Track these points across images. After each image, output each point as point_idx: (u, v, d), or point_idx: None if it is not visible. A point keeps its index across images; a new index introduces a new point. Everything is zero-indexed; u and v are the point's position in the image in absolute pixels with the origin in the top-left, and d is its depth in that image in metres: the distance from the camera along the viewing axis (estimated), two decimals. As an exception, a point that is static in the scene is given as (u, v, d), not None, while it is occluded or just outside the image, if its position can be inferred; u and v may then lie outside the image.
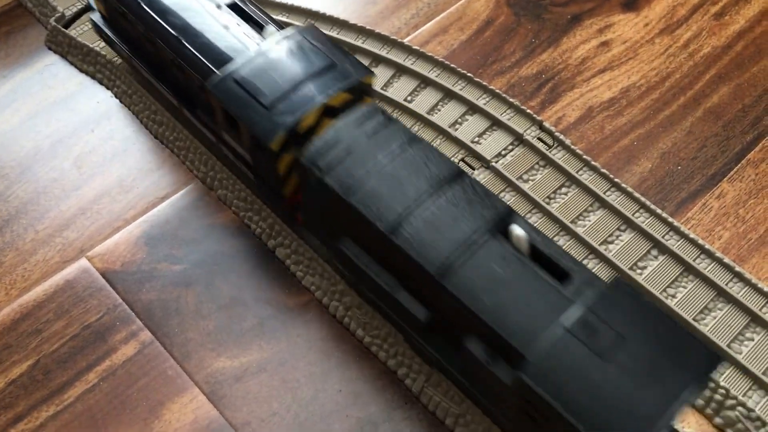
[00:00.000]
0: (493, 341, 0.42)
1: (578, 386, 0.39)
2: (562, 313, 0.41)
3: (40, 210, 0.61)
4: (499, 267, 0.43)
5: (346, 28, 0.70)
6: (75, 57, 0.69)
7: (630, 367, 0.39)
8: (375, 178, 0.47)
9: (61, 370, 0.54)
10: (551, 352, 0.40)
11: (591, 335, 0.40)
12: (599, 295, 0.42)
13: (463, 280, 0.43)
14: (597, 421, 0.38)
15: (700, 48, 0.71)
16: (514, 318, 0.42)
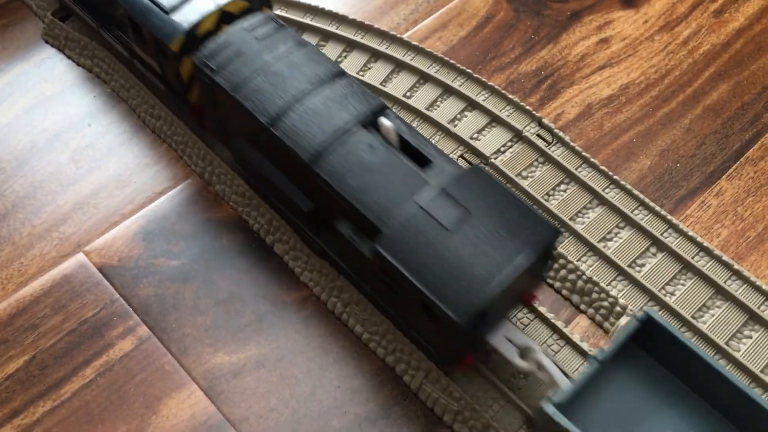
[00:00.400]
0: (357, 220, 0.48)
1: (425, 255, 0.44)
2: (418, 192, 0.46)
3: (36, 204, 0.61)
4: (366, 154, 0.48)
5: (345, 23, 0.70)
6: (72, 51, 0.69)
7: (474, 238, 0.45)
8: (261, 77, 0.51)
9: (58, 365, 0.53)
10: (404, 226, 0.45)
11: (441, 211, 0.45)
12: (454, 178, 0.47)
13: (332, 165, 0.48)
14: (439, 284, 0.44)
15: (700, 45, 0.70)
16: (375, 198, 0.47)
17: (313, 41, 0.69)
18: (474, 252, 0.44)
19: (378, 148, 0.48)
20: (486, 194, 0.46)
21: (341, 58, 0.68)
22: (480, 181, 0.47)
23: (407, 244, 0.45)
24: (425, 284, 0.44)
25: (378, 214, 0.46)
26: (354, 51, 0.68)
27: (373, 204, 0.47)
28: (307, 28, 0.69)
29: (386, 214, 0.46)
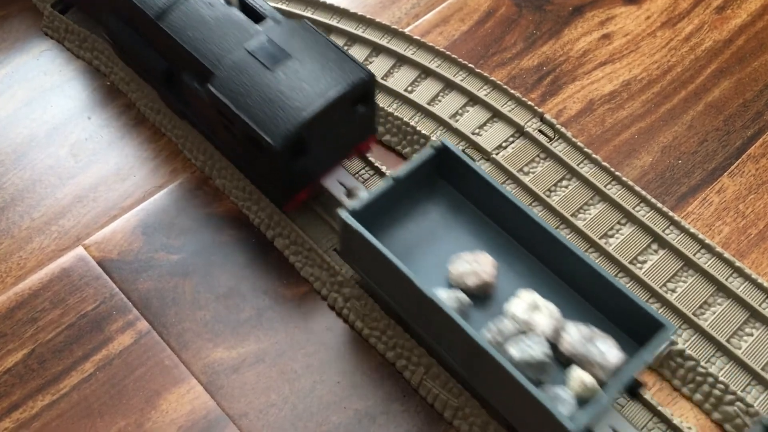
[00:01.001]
0: (196, 68, 0.54)
1: (250, 92, 0.51)
2: (248, 41, 0.53)
3: (35, 197, 0.60)
4: (205, 10, 0.55)
5: (347, 17, 0.69)
6: (72, 43, 0.68)
7: (293, 77, 0.51)
8: None
9: (57, 359, 0.53)
10: (233, 68, 0.52)
11: (265, 54, 0.52)
12: (281, 29, 0.54)
13: (175, 21, 0.55)
14: (261, 116, 0.50)
15: (702, 42, 0.70)
16: (210, 47, 0.53)
17: (314, 35, 0.69)
18: (292, 88, 0.51)
19: (216, 6, 0.55)
20: (308, 43, 0.53)
21: (342, 52, 0.68)
22: (304, 32, 0.54)
23: (235, 83, 0.51)
24: (249, 116, 0.51)
25: (212, 60, 0.53)
26: (355, 45, 0.68)
27: (208, 52, 0.53)
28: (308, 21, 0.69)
29: (219, 60, 0.53)
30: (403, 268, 0.46)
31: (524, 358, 0.44)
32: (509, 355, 0.44)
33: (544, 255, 0.50)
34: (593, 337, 0.45)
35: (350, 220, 0.48)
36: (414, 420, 0.51)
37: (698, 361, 0.52)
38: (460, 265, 0.49)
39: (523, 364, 0.44)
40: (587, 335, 0.45)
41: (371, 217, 0.50)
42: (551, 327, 0.46)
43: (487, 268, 0.48)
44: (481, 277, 0.48)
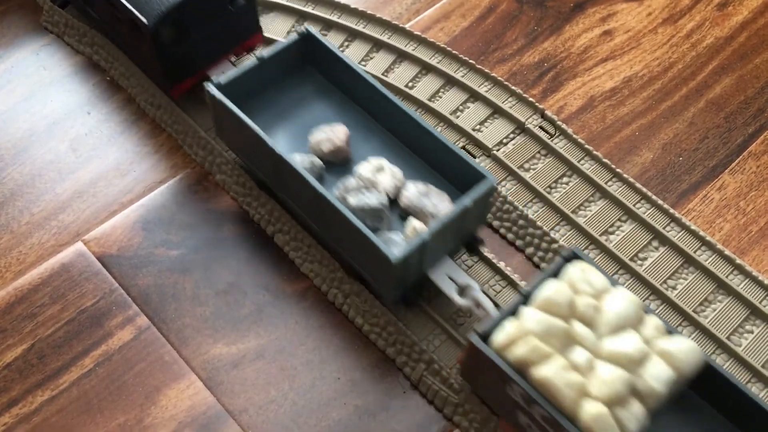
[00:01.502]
0: None
1: None
2: None
3: (35, 193, 0.60)
4: None
5: (347, 13, 0.69)
6: (72, 38, 0.68)
7: None
8: None
9: (57, 354, 0.53)
10: None
11: None
12: None
13: None
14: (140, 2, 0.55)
15: (703, 38, 0.70)
16: None
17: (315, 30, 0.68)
18: None
19: None
20: None
21: (343, 48, 0.67)
22: None
23: None
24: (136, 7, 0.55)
25: None
26: (356, 41, 0.68)
27: None
28: (308, 16, 0.69)
29: None
30: (260, 133, 0.51)
31: (360, 206, 0.50)
32: (349, 204, 0.50)
33: (394, 128, 0.55)
34: (429, 193, 0.51)
35: (215, 92, 0.52)
36: (414, 416, 0.51)
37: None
38: (317, 134, 0.54)
39: (360, 212, 0.50)
40: (423, 191, 0.51)
41: (238, 94, 0.54)
42: (393, 185, 0.52)
43: (340, 135, 0.54)
44: (334, 143, 0.53)
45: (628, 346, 0.41)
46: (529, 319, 0.41)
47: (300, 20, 0.69)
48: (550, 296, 0.42)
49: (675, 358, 0.41)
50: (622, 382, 0.40)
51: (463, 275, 0.50)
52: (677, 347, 0.42)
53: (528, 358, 0.41)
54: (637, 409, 0.40)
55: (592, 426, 0.39)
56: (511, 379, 0.41)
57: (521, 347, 0.41)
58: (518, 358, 0.41)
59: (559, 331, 0.41)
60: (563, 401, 0.40)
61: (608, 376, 0.40)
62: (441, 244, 0.49)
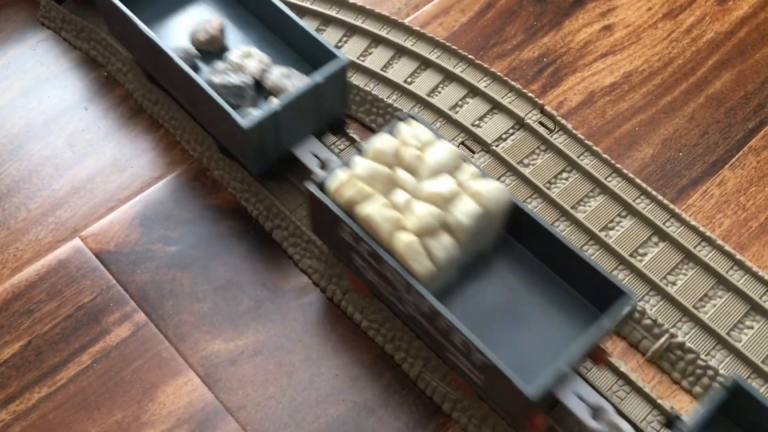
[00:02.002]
0: None
1: None
2: None
3: (32, 189, 0.60)
4: None
5: (346, 8, 0.69)
6: (69, 33, 0.68)
7: None
8: None
9: (54, 351, 0.53)
10: None
11: None
12: None
13: None
14: None
15: (703, 33, 0.70)
16: None
17: (313, 26, 0.68)
18: None
19: None
20: None
21: (341, 43, 0.67)
22: None
23: None
24: None
25: None
26: (354, 36, 0.68)
27: None
28: (307, 12, 0.69)
29: None
30: (140, 25, 0.55)
31: (223, 83, 0.54)
32: (213, 82, 0.54)
33: (266, 19, 0.60)
34: (290, 75, 0.56)
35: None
36: (413, 412, 0.51)
37: (698, 354, 0.51)
38: (195, 27, 0.59)
39: (222, 90, 0.54)
40: (285, 73, 0.56)
41: None
42: (259, 69, 0.56)
43: (215, 25, 0.58)
44: (209, 32, 0.58)
45: (441, 186, 0.46)
46: (358, 166, 0.47)
47: (298, 14, 0.68)
48: (378, 147, 0.48)
49: (483, 196, 0.46)
50: (432, 216, 0.45)
51: (324, 150, 0.55)
52: (485, 188, 0.47)
53: (353, 198, 0.46)
54: (446, 241, 0.46)
55: (404, 253, 0.45)
56: (341, 219, 0.47)
57: (349, 189, 0.46)
58: (346, 200, 0.47)
59: (383, 176, 0.47)
60: (381, 234, 0.45)
61: (421, 211, 0.45)
62: (298, 119, 0.54)
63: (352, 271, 0.52)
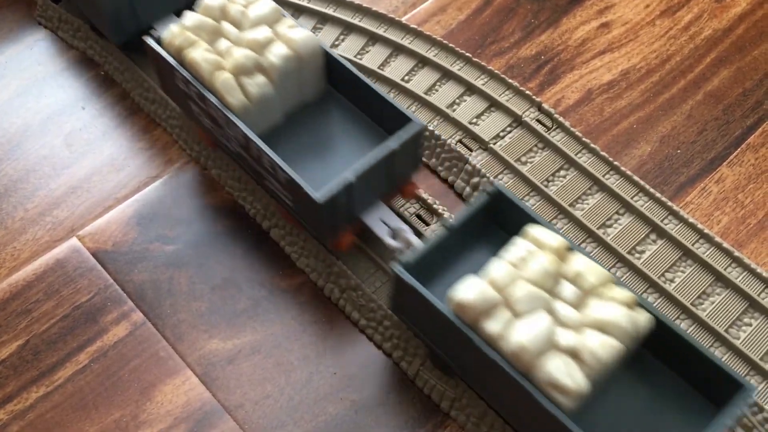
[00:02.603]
0: None
1: None
2: None
3: (29, 188, 0.60)
4: None
5: (343, 6, 0.69)
6: (66, 32, 0.68)
7: None
8: None
9: (51, 350, 0.53)
10: None
11: None
12: None
13: None
14: None
15: (701, 30, 0.70)
16: None
17: (310, 24, 0.68)
18: None
19: None
20: None
21: (339, 41, 0.67)
22: None
23: None
24: None
25: None
26: (352, 34, 0.67)
27: None
28: (304, 10, 0.68)
29: None
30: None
31: None
32: None
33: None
34: None
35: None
36: (411, 411, 0.51)
37: (697, 352, 0.51)
38: None
39: None
40: None
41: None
42: None
43: None
44: None
45: (258, 34, 0.52)
46: (187, 19, 0.53)
47: (295, 14, 0.68)
48: (207, 2, 0.53)
49: (295, 42, 0.52)
50: (246, 58, 0.51)
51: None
52: (298, 35, 0.52)
53: (181, 45, 0.52)
54: (260, 80, 0.51)
55: (220, 89, 0.50)
56: (173, 67, 0.52)
57: (178, 39, 0.52)
58: (176, 48, 0.52)
59: (209, 27, 0.52)
60: (204, 75, 0.51)
61: (237, 54, 0.51)
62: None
63: (206, 133, 0.57)
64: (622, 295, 0.43)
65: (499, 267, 0.43)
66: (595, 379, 0.41)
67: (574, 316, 0.42)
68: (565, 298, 0.42)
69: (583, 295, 0.43)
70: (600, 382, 0.42)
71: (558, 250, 0.44)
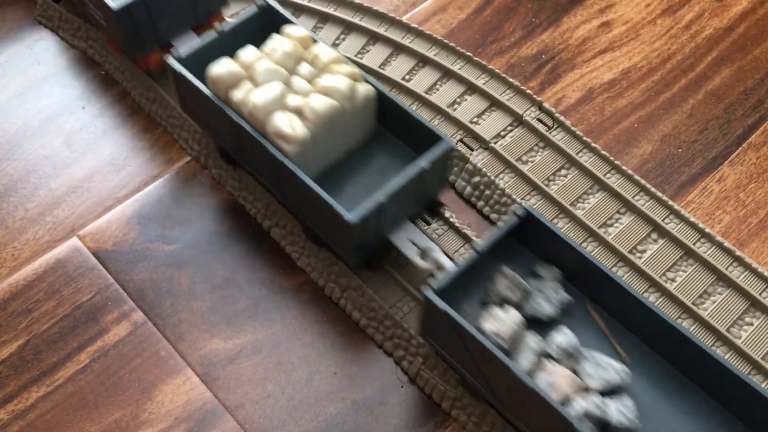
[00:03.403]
0: None
1: None
2: None
3: (29, 188, 0.60)
4: None
5: (343, 5, 0.69)
6: (66, 32, 0.68)
7: None
8: None
9: (52, 350, 0.53)
10: None
11: None
12: None
13: None
14: None
15: (702, 29, 0.70)
16: None
17: (310, 24, 0.68)
18: None
19: None
20: None
21: (339, 41, 0.67)
22: None
23: None
24: None
25: None
26: (352, 33, 0.67)
27: None
28: (304, 9, 0.68)
29: None
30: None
31: None
32: None
33: None
34: None
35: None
36: (412, 410, 0.51)
37: (698, 351, 0.51)
38: None
39: None
40: None
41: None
42: None
43: None
44: None
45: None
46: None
47: (296, 13, 0.68)
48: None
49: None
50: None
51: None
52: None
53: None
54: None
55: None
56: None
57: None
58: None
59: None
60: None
61: None
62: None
63: None
64: (348, 69, 0.52)
65: (249, 51, 0.52)
66: (315, 131, 0.50)
67: (305, 86, 0.51)
68: (301, 74, 0.52)
69: (318, 72, 0.52)
70: (319, 133, 0.50)
71: (302, 40, 0.53)
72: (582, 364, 0.43)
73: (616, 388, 0.43)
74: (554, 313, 0.46)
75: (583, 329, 0.46)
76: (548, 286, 0.47)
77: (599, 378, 0.42)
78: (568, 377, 0.42)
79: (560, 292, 0.47)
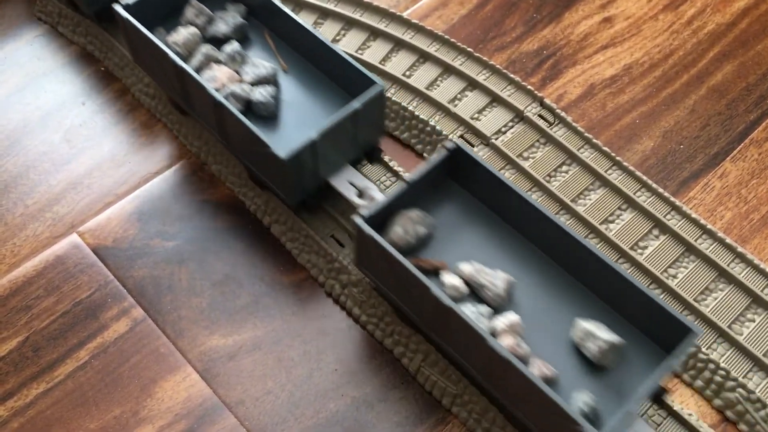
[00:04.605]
0: None
1: None
2: None
3: (29, 184, 0.60)
4: None
5: (344, 1, 0.69)
6: (66, 28, 0.67)
7: None
8: None
9: (52, 347, 0.53)
10: None
11: None
12: None
13: None
14: None
15: (704, 25, 0.69)
16: None
17: (311, 19, 0.68)
18: None
19: None
20: None
21: (340, 36, 0.67)
22: None
23: None
24: None
25: None
26: (353, 29, 0.67)
27: None
28: (304, 6, 0.68)
29: None
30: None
31: None
32: None
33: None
34: None
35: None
36: (412, 407, 0.50)
37: (699, 348, 0.51)
38: None
39: None
40: None
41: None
42: None
43: None
44: None
45: None
46: None
47: (296, 9, 0.68)
48: None
49: None
50: None
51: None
52: None
53: None
54: None
55: None
56: None
57: None
58: None
59: None
60: None
61: None
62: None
63: None
64: None
65: None
66: None
67: None
68: None
69: None
70: None
71: None
72: (243, 67, 0.56)
73: (264, 80, 0.55)
74: (229, 31, 0.57)
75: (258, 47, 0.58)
76: (229, 14, 0.58)
77: (252, 73, 0.55)
78: (228, 72, 0.55)
79: (237, 18, 0.58)
